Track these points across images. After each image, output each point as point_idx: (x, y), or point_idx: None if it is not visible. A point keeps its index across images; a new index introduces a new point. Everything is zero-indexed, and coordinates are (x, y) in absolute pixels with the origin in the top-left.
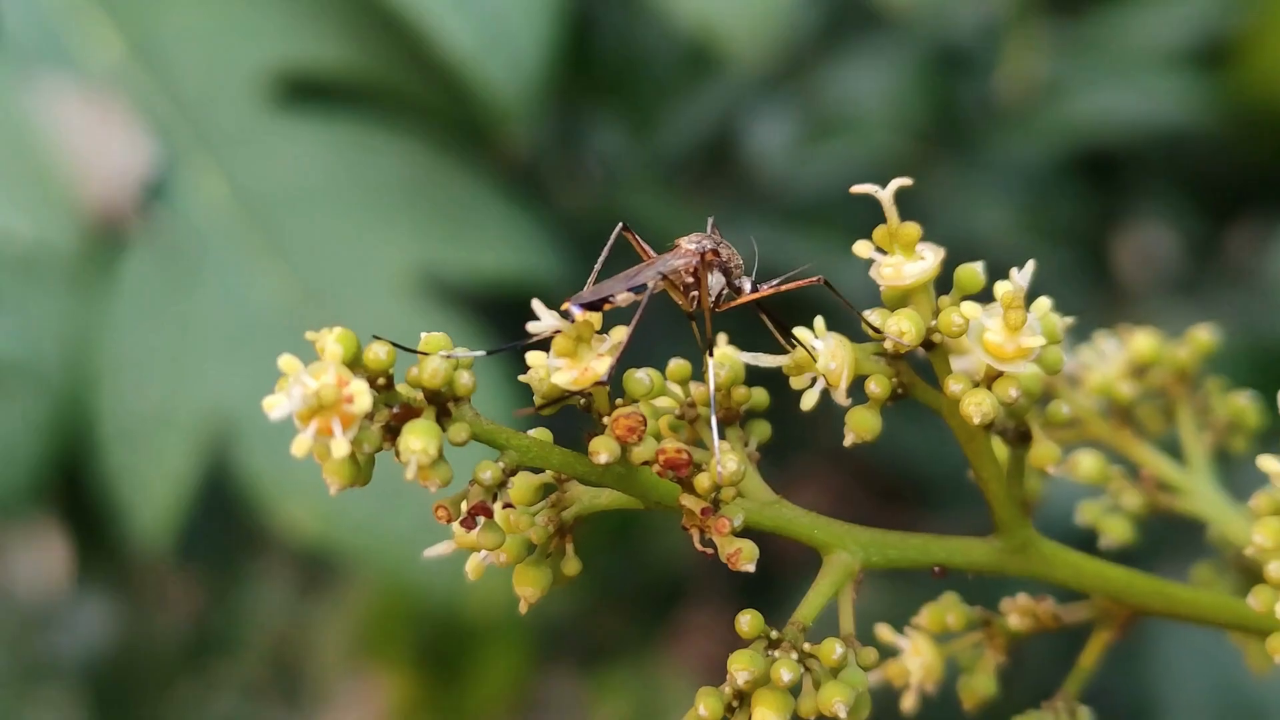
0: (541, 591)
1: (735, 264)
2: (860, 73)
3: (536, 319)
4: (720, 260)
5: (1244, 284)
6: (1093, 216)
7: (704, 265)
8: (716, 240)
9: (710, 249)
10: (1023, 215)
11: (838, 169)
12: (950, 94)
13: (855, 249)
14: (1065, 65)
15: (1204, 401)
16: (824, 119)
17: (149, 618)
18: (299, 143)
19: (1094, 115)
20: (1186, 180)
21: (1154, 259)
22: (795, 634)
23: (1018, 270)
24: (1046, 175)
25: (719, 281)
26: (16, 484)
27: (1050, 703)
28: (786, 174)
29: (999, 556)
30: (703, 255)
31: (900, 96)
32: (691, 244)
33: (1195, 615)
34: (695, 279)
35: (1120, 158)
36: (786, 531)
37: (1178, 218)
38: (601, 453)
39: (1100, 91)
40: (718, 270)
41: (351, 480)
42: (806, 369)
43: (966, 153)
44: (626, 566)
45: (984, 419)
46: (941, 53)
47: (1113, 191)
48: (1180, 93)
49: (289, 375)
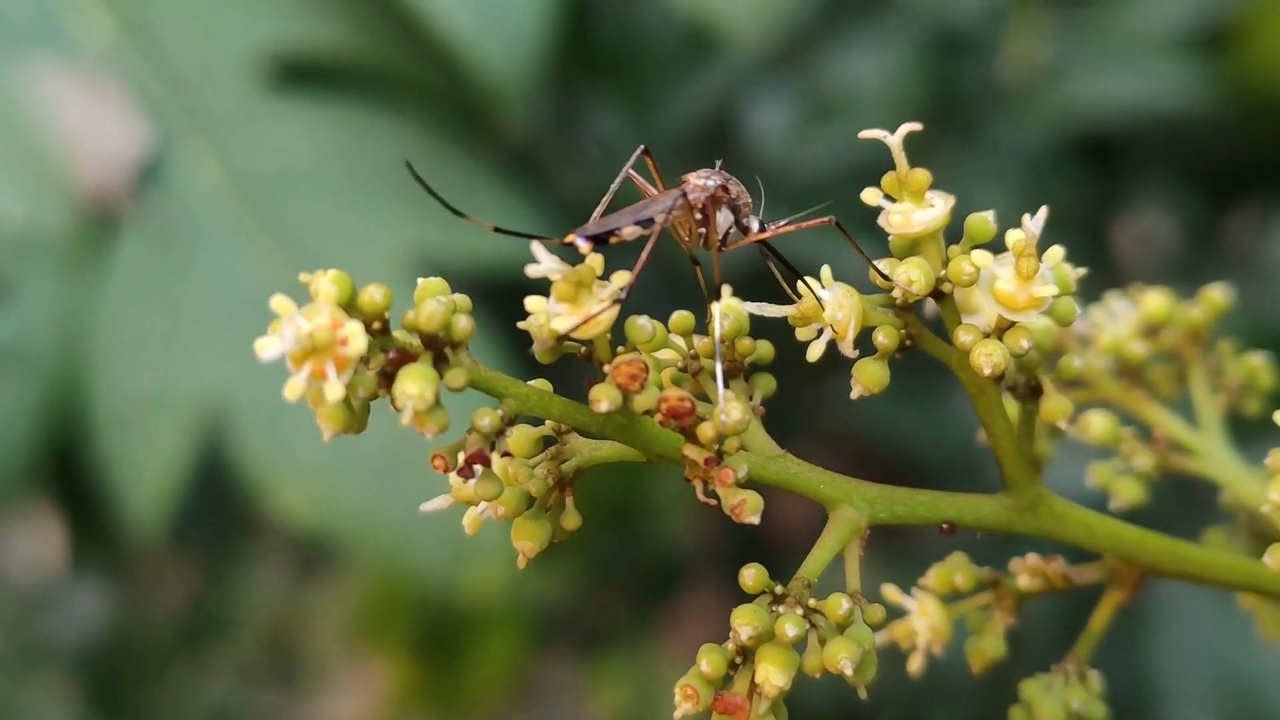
0: (541, 545)
1: (744, 202)
2: (860, 55)
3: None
4: (730, 197)
5: (1244, 268)
6: (1092, 201)
7: (713, 202)
8: (725, 176)
9: (720, 184)
10: (1022, 199)
11: (838, 152)
12: (951, 77)
13: (864, 196)
14: (1066, 49)
15: (1217, 363)
16: (824, 101)
17: (145, 601)
18: (293, 125)
19: (1094, 99)
20: (1186, 164)
21: (1153, 243)
22: (800, 589)
23: (1029, 216)
24: (1046, 159)
25: (727, 219)
26: (9, 468)
27: (1060, 665)
28: (786, 157)
29: (1009, 514)
30: (713, 191)
31: (900, 79)
32: (700, 179)
33: (1208, 576)
34: (704, 216)
35: (1120, 142)
36: (792, 485)
37: (1177, 202)
38: (602, 401)
39: (1100, 75)
40: (726, 207)
41: (345, 426)
42: (813, 319)
43: (966, 136)
44: (624, 552)
45: (995, 370)
46: (942, 35)
47: (1112, 176)
48: (1180, 77)
49: (282, 316)
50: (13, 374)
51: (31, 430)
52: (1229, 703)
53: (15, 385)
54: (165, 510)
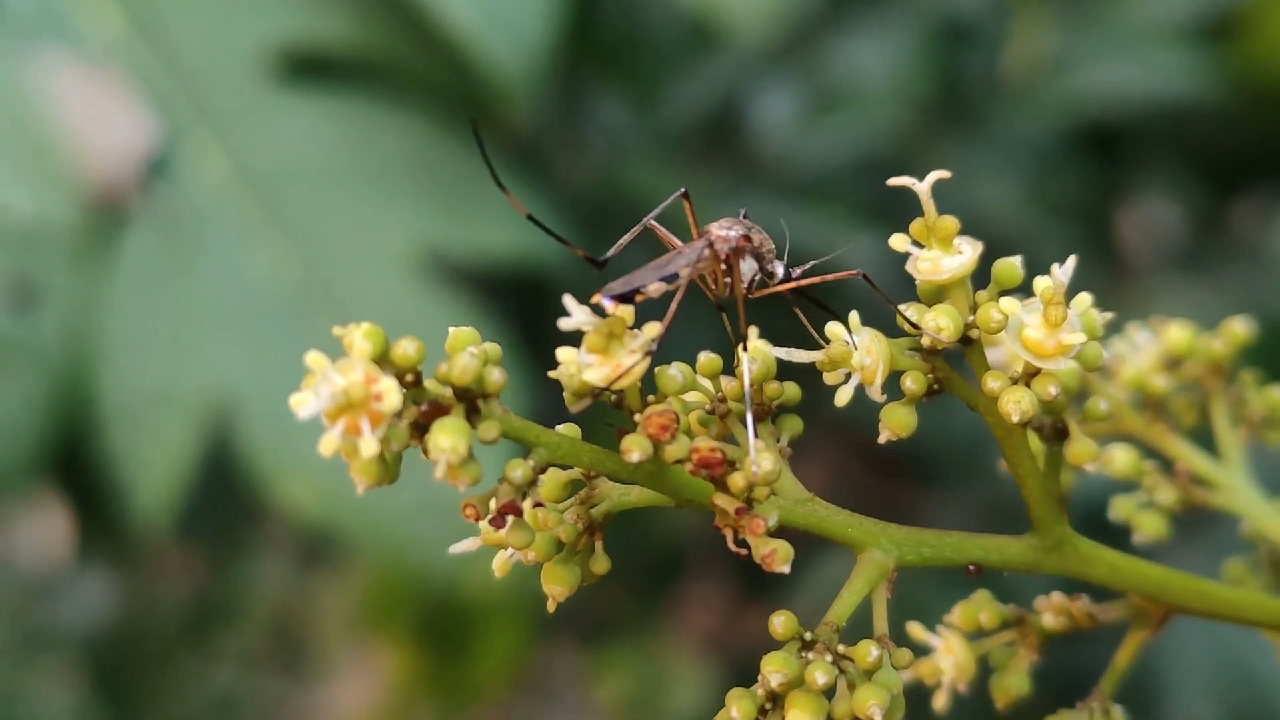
0: (571, 590)
1: (767, 249)
2: (865, 46)
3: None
4: (753, 246)
5: (1248, 258)
6: (1097, 191)
7: (737, 252)
8: (748, 225)
9: (743, 235)
10: (1027, 189)
11: (842, 143)
12: (955, 68)
13: (892, 243)
14: (1070, 39)
15: (1239, 394)
16: (828, 93)
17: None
18: (300, 119)
19: (1099, 89)
20: (1191, 154)
21: (1158, 233)
22: (829, 635)
23: (1058, 266)
24: (1051, 149)
25: (751, 268)
26: (16, 460)
27: (1085, 703)
28: (790, 148)
29: (1035, 555)
30: (735, 242)
31: (905, 70)
32: (723, 230)
33: (1233, 614)
34: (728, 266)
35: (1125, 132)
36: (820, 530)
37: (1182, 192)
38: (634, 451)
39: (1105, 66)
40: (750, 256)
41: (379, 479)
42: (841, 364)
43: (971, 127)
44: (627, 541)
45: (1023, 417)
46: (946, 26)
47: (1117, 166)
48: (1185, 67)
49: (316, 372)
50: (20, 367)
51: (38, 423)
52: (1231, 694)
53: (22, 378)
54: (171, 504)
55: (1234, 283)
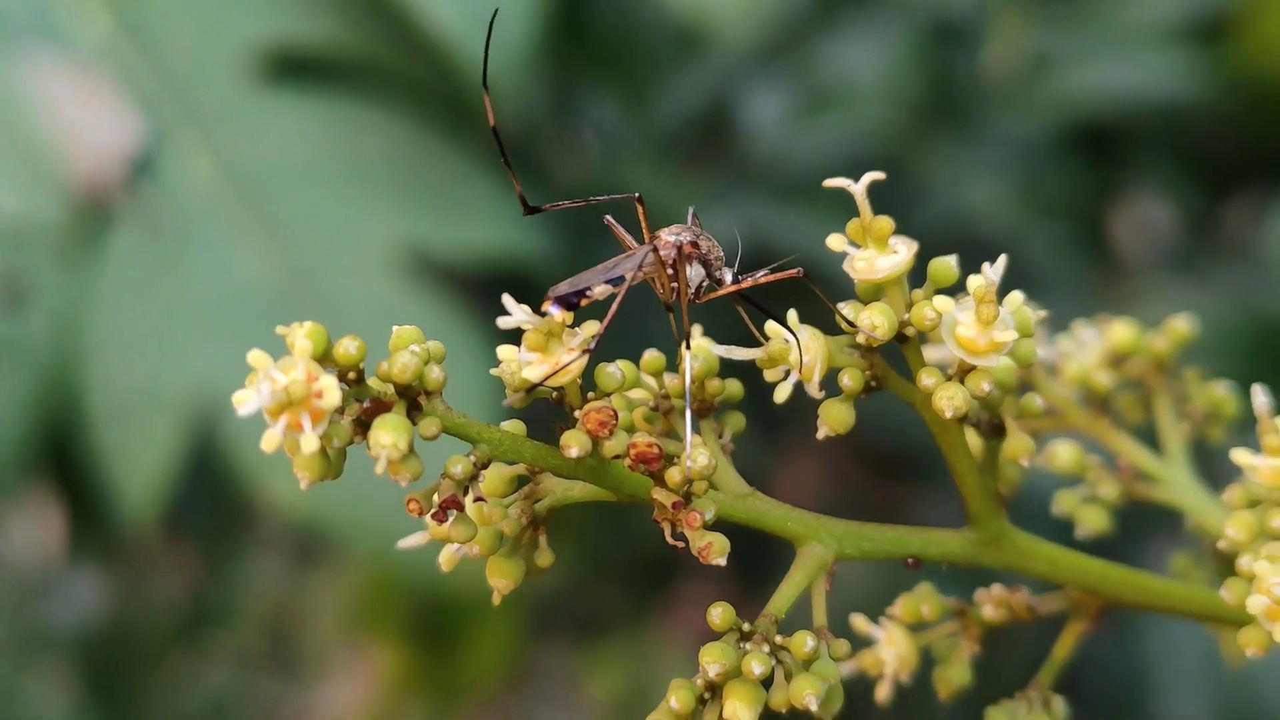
0: (515, 583)
1: (715, 255)
2: (854, 46)
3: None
4: (700, 252)
5: (1241, 258)
6: (1089, 191)
7: (682, 258)
8: (696, 232)
9: (689, 241)
10: (1019, 189)
11: (832, 143)
12: (945, 68)
13: (829, 242)
14: (1061, 38)
15: (1182, 391)
16: (818, 93)
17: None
18: (286, 119)
19: (1090, 89)
20: (1184, 154)
21: (1151, 233)
22: (768, 626)
23: (989, 265)
24: (1043, 149)
25: (699, 273)
26: (5, 459)
27: (1024, 693)
28: (780, 147)
29: (973, 549)
30: (680, 248)
31: (894, 70)
32: (670, 235)
33: (1170, 607)
34: (674, 271)
35: (1117, 131)
36: (760, 524)
37: (1175, 192)
38: (573, 446)
39: (1097, 65)
40: (697, 262)
41: (322, 474)
42: (780, 362)
43: (961, 127)
44: (619, 540)
45: (956, 413)
46: (936, 26)
47: (1109, 165)
48: (1177, 66)
49: (258, 370)
50: (6, 366)
51: (26, 422)
52: (1220, 692)
53: (9, 377)
54: (159, 502)
55: (1227, 283)
